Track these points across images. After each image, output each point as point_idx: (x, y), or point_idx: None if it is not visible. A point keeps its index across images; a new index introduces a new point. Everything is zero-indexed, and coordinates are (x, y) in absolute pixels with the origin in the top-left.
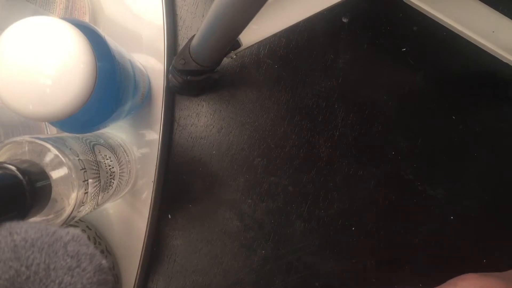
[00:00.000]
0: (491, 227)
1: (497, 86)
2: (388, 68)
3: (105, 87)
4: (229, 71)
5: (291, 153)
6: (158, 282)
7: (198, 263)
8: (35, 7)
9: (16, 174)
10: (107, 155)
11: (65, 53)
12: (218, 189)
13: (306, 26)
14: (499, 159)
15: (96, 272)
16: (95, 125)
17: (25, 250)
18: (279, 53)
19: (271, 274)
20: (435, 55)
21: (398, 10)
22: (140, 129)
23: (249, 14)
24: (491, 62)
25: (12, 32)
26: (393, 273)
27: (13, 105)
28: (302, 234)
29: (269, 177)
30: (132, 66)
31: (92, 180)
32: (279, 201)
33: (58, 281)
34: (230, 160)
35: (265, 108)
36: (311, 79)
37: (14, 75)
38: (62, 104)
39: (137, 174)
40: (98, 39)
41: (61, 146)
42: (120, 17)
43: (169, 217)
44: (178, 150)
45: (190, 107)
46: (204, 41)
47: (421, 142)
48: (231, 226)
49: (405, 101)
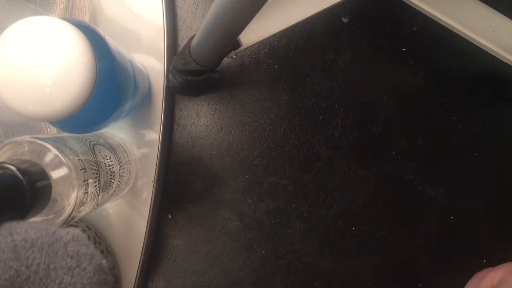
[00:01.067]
0: (491, 227)
1: (497, 86)
2: (388, 68)
3: (105, 87)
4: (229, 71)
5: (291, 153)
6: (158, 282)
7: (198, 263)
8: (35, 7)
9: (16, 174)
10: (107, 155)
11: (65, 53)
12: (218, 189)
13: (306, 26)
14: (499, 159)
15: (96, 272)
16: (95, 125)
17: (25, 250)
18: (279, 53)
19: (271, 274)
20: (435, 55)
21: (398, 10)
22: (140, 129)
23: (249, 14)
24: (491, 62)
25: (12, 32)
26: (393, 273)
27: (13, 105)
28: (302, 234)
29: (269, 177)
30: (132, 66)
31: (92, 180)
32: (279, 201)
33: (58, 281)
34: (230, 160)
35: (265, 108)
36: (311, 79)
37: (14, 75)
38: (62, 104)
39: (137, 174)
40: (98, 39)
41: (61, 146)
42: (120, 17)
43: (169, 217)
44: (178, 150)
45: (190, 107)
46: (204, 41)
47: (421, 142)
48: (231, 226)
49: (405, 101)
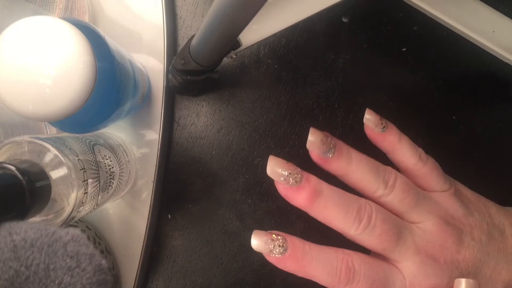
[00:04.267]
0: None
1: (497, 86)
2: (388, 68)
3: (105, 87)
4: (229, 71)
5: (291, 153)
6: (158, 282)
7: (198, 263)
8: (35, 7)
9: (16, 174)
10: (106, 155)
11: (65, 53)
12: (218, 189)
13: (306, 26)
14: (499, 159)
15: (95, 272)
16: (95, 125)
17: (25, 250)
18: (279, 53)
19: (271, 274)
20: (435, 55)
21: (398, 10)
22: (140, 129)
23: (249, 14)
24: (491, 62)
25: (11, 32)
26: None
27: (13, 105)
28: (302, 234)
29: (269, 177)
30: (132, 66)
31: (91, 180)
32: (279, 201)
33: (57, 281)
34: (230, 160)
35: (265, 108)
36: (311, 79)
37: (14, 75)
38: (62, 104)
39: (137, 174)
40: (98, 39)
41: (61, 146)
42: (120, 17)
43: (169, 217)
44: (178, 150)
45: (190, 107)
46: (204, 41)
47: (421, 142)
48: (231, 226)
49: (405, 101)
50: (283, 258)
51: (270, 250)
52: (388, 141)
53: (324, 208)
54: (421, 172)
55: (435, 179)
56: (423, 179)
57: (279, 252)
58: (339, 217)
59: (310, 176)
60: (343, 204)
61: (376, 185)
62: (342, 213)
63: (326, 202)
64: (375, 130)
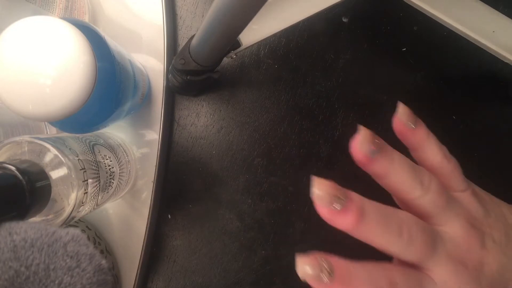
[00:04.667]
0: None
1: (497, 86)
2: (388, 68)
3: (105, 87)
4: (229, 71)
5: (291, 153)
6: (158, 282)
7: (198, 263)
8: (35, 7)
9: (16, 174)
10: (106, 155)
11: (65, 53)
12: (218, 189)
13: (306, 26)
14: (499, 159)
15: (95, 272)
16: (95, 125)
17: (25, 250)
18: (279, 53)
19: (271, 274)
20: (435, 55)
21: (398, 10)
22: (140, 129)
23: (249, 14)
24: (491, 62)
25: (11, 32)
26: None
27: (13, 105)
28: (302, 234)
29: (269, 177)
30: (132, 66)
31: (91, 180)
32: (279, 201)
33: (57, 281)
34: (230, 160)
35: (265, 108)
36: (311, 79)
37: (14, 75)
38: (62, 104)
39: (137, 174)
40: (98, 39)
41: (61, 146)
42: (120, 17)
43: (169, 217)
44: (178, 150)
45: (190, 107)
46: (204, 41)
47: None
48: (231, 226)
49: (405, 101)
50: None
51: (318, 275)
52: (418, 137)
53: (367, 230)
54: (445, 171)
55: (456, 178)
56: (445, 178)
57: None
58: (380, 236)
59: (351, 193)
60: (385, 222)
61: (413, 187)
62: (384, 230)
63: (370, 223)
64: (407, 126)
